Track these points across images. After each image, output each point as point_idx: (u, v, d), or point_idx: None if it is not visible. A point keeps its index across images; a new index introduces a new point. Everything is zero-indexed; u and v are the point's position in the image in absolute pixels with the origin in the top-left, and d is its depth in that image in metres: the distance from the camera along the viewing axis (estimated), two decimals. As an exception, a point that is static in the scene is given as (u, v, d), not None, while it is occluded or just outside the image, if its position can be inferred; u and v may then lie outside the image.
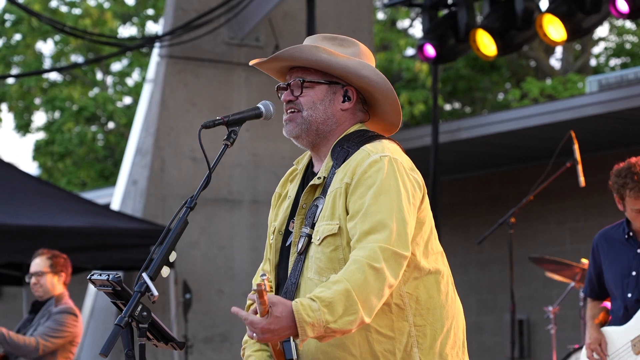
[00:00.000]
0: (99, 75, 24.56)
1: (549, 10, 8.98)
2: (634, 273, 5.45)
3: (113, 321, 3.28)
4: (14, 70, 23.88)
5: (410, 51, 20.59)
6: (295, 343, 3.19)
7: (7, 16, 23.29)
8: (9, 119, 25.32)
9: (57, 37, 23.22)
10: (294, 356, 3.18)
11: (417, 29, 24.11)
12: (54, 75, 24.47)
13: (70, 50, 23.67)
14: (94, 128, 23.66)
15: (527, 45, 14.81)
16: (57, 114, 23.35)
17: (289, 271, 3.29)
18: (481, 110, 22.08)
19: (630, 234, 5.54)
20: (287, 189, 3.49)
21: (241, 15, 11.27)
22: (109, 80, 24.83)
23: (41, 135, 24.11)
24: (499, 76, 21.28)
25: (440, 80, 18.09)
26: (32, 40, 23.15)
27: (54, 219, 9.64)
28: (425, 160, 10.39)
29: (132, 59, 23.63)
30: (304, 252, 3.25)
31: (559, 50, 21.28)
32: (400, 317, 3.19)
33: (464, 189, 13.58)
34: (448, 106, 22.58)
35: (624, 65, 21.40)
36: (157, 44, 11.60)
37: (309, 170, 3.44)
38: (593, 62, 22.09)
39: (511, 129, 11.40)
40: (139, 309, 3.04)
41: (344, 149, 3.29)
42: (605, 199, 11.81)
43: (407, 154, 3.36)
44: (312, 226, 3.25)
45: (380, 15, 22.77)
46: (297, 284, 3.24)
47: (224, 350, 11.09)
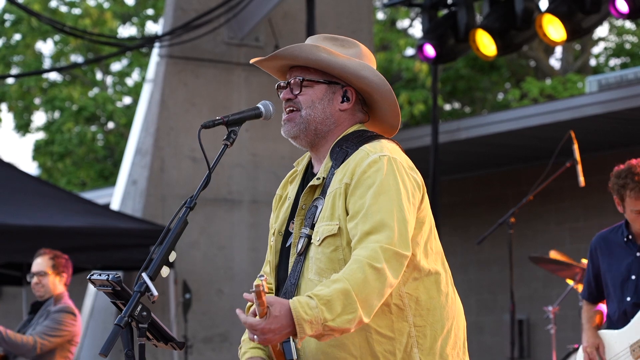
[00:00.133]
0: (99, 75, 24.55)
1: (549, 10, 8.98)
2: (633, 277, 5.41)
3: (113, 321, 3.28)
4: (14, 70, 23.88)
5: (410, 51, 20.59)
6: (294, 343, 3.18)
7: (7, 16, 23.29)
8: (8, 118, 25.30)
9: (57, 37, 23.22)
10: (294, 356, 3.17)
11: (417, 29, 24.13)
12: (53, 75, 24.48)
13: (70, 50, 23.67)
14: (93, 128, 23.66)
15: (527, 45, 14.80)
16: (57, 114, 23.34)
17: (288, 272, 3.28)
18: (481, 110, 22.07)
19: (629, 237, 5.50)
20: (288, 190, 3.48)
21: (241, 15, 11.26)
22: (109, 80, 24.82)
23: (41, 135, 24.12)
24: (498, 76, 21.27)
25: (440, 80, 18.08)
26: (32, 40, 23.14)
27: (53, 219, 9.63)
28: (425, 161, 10.39)
29: (132, 59, 23.63)
30: (303, 253, 3.24)
31: (558, 50, 21.28)
32: (400, 318, 3.19)
33: (463, 189, 13.57)
34: (448, 106, 22.57)
35: (623, 65, 21.39)
36: (157, 44, 11.60)
37: (309, 171, 3.43)
38: (593, 62, 22.09)
39: (511, 129, 11.39)
40: (138, 308, 3.04)
41: (343, 150, 3.29)
42: (605, 199, 11.80)
43: (407, 154, 3.36)
44: (312, 227, 3.25)
45: (380, 15, 22.77)
46: (297, 285, 3.23)
47: (223, 350, 11.08)
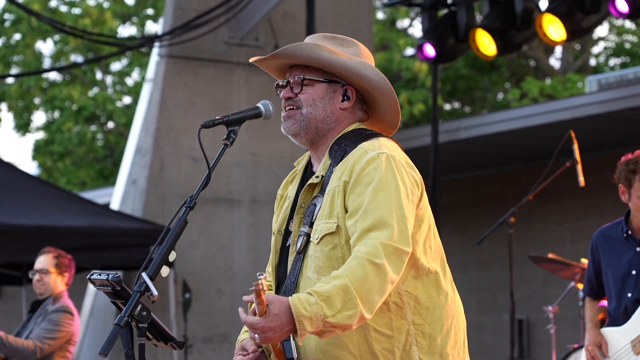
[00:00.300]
0: (99, 75, 24.55)
1: (549, 10, 8.98)
2: (633, 272, 5.40)
3: (112, 321, 3.28)
4: (14, 70, 23.87)
5: (409, 51, 20.59)
6: (295, 341, 3.17)
7: (7, 16, 23.29)
8: (8, 118, 25.33)
9: (57, 37, 23.22)
10: (294, 355, 3.17)
11: (417, 29, 24.14)
12: (53, 75, 24.48)
13: (70, 50, 23.67)
14: (93, 128, 23.66)
15: (527, 45, 14.80)
16: (57, 114, 23.34)
17: (288, 271, 3.28)
18: (481, 110, 22.07)
19: (629, 233, 5.49)
20: (288, 190, 3.48)
21: (241, 15, 11.26)
22: (109, 79, 24.82)
23: (41, 134, 24.12)
24: (498, 76, 21.27)
25: (439, 80, 18.09)
26: (32, 40, 23.14)
27: (53, 218, 9.63)
28: (424, 160, 10.39)
29: (132, 59, 23.63)
30: (302, 251, 3.24)
31: (558, 50, 21.27)
32: (399, 316, 3.18)
33: (463, 189, 13.57)
34: (448, 106, 22.57)
35: (623, 65, 21.39)
36: (157, 44, 11.60)
37: (309, 170, 3.44)
38: (593, 62, 22.09)
39: (511, 129, 11.39)
40: (138, 308, 3.04)
41: (342, 148, 3.29)
42: (604, 199, 11.84)
43: (407, 153, 3.36)
44: (311, 225, 3.25)
45: (380, 15, 22.77)
46: (296, 283, 3.23)
47: (223, 350, 11.08)
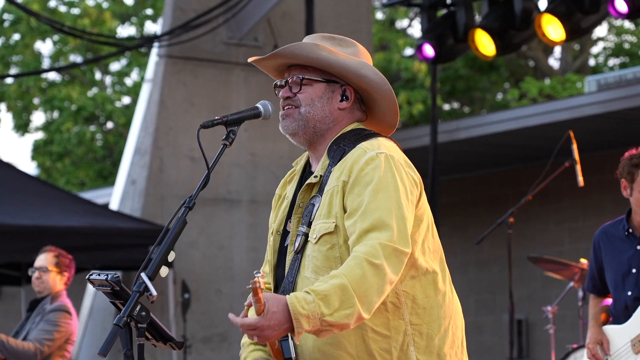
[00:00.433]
0: (98, 75, 24.55)
1: (548, 10, 8.98)
2: (634, 270, 5.38)
3: (112, 321, 3.28)
4: (13, 70, 23.87)
5: (409, 51, 20.60)
6: (293, 341, 3.17)
7: (6, 16, 23.29)
8: (7, 118, 25.32)
9: (56, 37, 23.21)
10: (293, 355, 3.17)
11: (416, 29, 24.15)
12: (52, 75, 24.48)
13: (69, 50, 23.66)
14: (92, 128, 23.66)
15: (526, 45, 14.80)
16: (56, 114, 23.34)
17: (286, 270, 3.28)
18: (480, 110, 22.07)
19: (629, 231, 5.46)
20: (286, 190, 3.48)
21: (240, 15, 11.26)
22: (108, 80, 24.82)
23: (40, 135, 24.12)
24: (497, 76, 21.28)
25: (439, 80, 18.09)
26: (31, 40, 23.14)
27: (52, 218, 9.63)
28: (424, 160, 10.39)
29: (131, 59, 23.63)
30: (301, 251, 3.24)
31: (557, 50, 21.28)
32: (396, 316, 3.18)
33: (462, 189, 13.57)
34: (447, 106, 22.57)
35: (622, 65, 21.39)
36: (156, 44, 11.60)
37: (307, 170, 3.43)
38: (592, 62, 22.09)
39: (510, 129, 11.39)
40: (137, 308, 3.03)
41: (340, 148, 3.28)
42: (604, 199, 11.85)
43: (406, 154, 3.35)
44: (309, 225, 3.25)
45: (379, 15, 22.77)
46: (294, 283, 3.23)
47: (222, 350, 11.08)
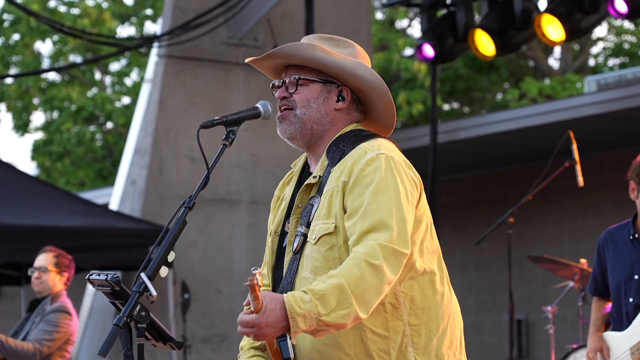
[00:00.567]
0: (98, 75, 24.55)
1: (548, 10, 8.99)
2: (636, 277, 5.31)
3: (111, 321, 3.28)
4: (13, 70, 23.87)
5: (408, 51, 20.60)
6: (291, 341, 3.17)
7: (6, 16, 23.28)
8: (7, 118, 25.32)
9: (56, 37, 23.21)
10: (291, 355, 3.16)
11: (416, 29, 24.15)
12: (52, 75, 24.48)
13: (69, 50, 23.66)
14: (92, 128, 23.65)
15: (526, 45, 14.80)
16: (56, 114, 23.34)
17: (284, 271, 3.28)
18: (480, 110, 22.07)
19: (635, 236, 5.38)
20: (285, 191, 3.47)
21: (240, 15, 11.26)
22: (108, 80, 24.82)
23: (40, 135, 24.12)
24: (497, 76, 21.28)
25: (438, 80, 18.09)
26: (31, 40, 23.14)
27: (52, 218, 9.63)
28: (424, 161, 10.39)
29: (131, 59, 23.62)
30: (299, 252, 3.24)
31: (557, 50, 21.28)
32: (395, 317, 3.18)
33: (462, 189, 13.58)
34: (447, 106, 22.57)
35: (622, 65, 21.39)
36: (156, 44, 11.59)
37: (305, 171, 3.43)
38: (591, 62, 22.09)
39: (510, 129, 11.40)
40: (137, 308, 3.03)
41: (340, 148, 3.28)
42: (603, 199, 11.85)
43: (406, 154, 3.35)
44: (308, 225, 3.24)
45: (379, 15, 22.77)
46: (293, 283, 3.22)
47: (222, 350, 11.08)
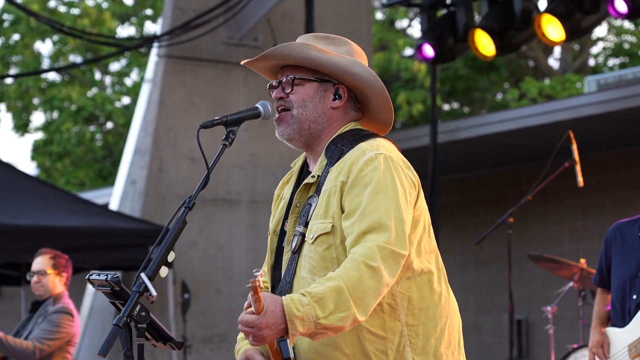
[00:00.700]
0: (98, 75, 24.55)
1: (548, 10, 8.99)
2: None
3: (111, 321, 3.28)
4: (13, 70, 23.87)
5: (408, 51, 20.60)
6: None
7: (6, 16, 23.28)
8: (7, 119, 25.32)
9: (56, 37, 23.21)
10: (291, 355, 3.16)
11: (416, 29, 24.16)
12: (52, 75, 24.47)
13: (69, 50, 23.66)
14: (92, 128, 23.65)
15: (526, 45, 14.80)
16: (56, 114, 23.34)
17: (283, 271, 3.28)
18: (480, 110, 22.07)
19: None
20: (284, 190, 3.48)
21: (240, 15, 11.26)
22: (108, 80, 24.82)
23: (39, 135, 24.12)
24: (497, 76, 21.28)
25: (438, 80, 18.09)
26: (31, 40, 23.13)
27: (52, 219, 9.63)
28: (423, 161, 10.39)
29: (131, 59, 23.62)
30: (297, 251, 3.24)
31: (557, 50, 21.28)
32: (392, 317, 3.17)
33: (462, 189, 13.58)
34: (447, 106, 22.57)
35: (622, 65, 21.40)
36: (156, 44, 11.59)
37: (304, 170, 3.44)
38: (591, 62, 22.09)
39: (510, 129, 11.40)
40: (137, 309, 3.03)
41: (338, 148, 3.28)
42: (603, 199, 11.85)
43: (406, 154, 3.35)
44: (306, 225, 3.24)
45: (379, 15, 22.77)
46: (291, 283, 3.22)
47: (222, 350, 11.08)
